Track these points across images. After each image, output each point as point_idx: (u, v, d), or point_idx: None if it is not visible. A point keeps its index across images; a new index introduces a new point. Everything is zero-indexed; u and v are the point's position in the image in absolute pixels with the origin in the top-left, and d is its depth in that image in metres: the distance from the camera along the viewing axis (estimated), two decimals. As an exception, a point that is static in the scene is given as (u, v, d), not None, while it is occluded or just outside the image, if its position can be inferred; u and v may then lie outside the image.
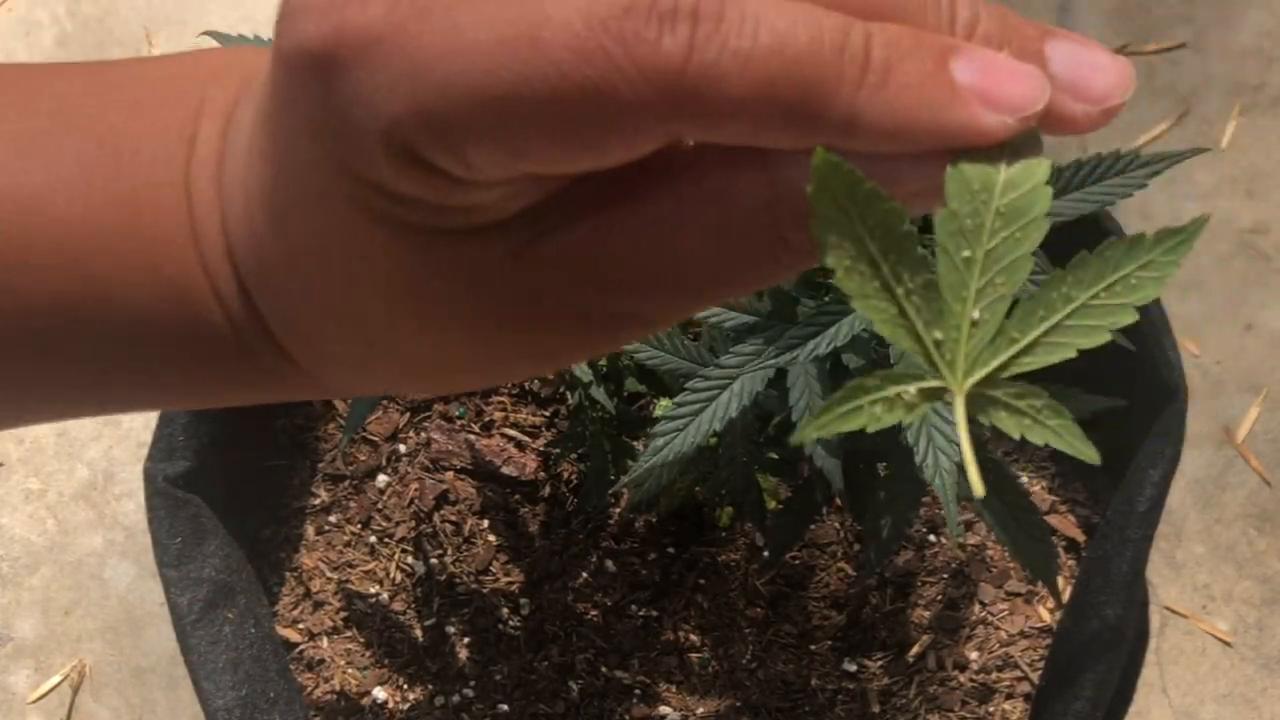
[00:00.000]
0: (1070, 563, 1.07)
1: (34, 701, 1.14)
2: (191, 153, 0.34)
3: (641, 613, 1.05)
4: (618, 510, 1.06)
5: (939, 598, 1.06)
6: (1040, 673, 1.03)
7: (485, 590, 1.06)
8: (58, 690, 1.15)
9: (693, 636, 1.05)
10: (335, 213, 0.31)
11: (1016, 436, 0.30)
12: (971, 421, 0.31)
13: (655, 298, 0.32)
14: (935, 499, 1.06)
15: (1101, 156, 0.83)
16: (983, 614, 1.06)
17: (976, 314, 0.30)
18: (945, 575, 1.07)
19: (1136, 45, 1.34)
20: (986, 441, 1.03)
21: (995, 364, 0.30)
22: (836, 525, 1.07)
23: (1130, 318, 0.30)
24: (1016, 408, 0.30)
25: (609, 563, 1.06)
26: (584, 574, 1.06)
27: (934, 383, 0.31)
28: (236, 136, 0.33)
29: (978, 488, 0.29)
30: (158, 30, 1.41)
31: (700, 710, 1.03)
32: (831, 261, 0.29)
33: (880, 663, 1.05)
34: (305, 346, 0.34)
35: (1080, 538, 1.08)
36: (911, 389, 0.30)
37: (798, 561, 1.06)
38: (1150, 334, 1.00)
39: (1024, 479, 1.10)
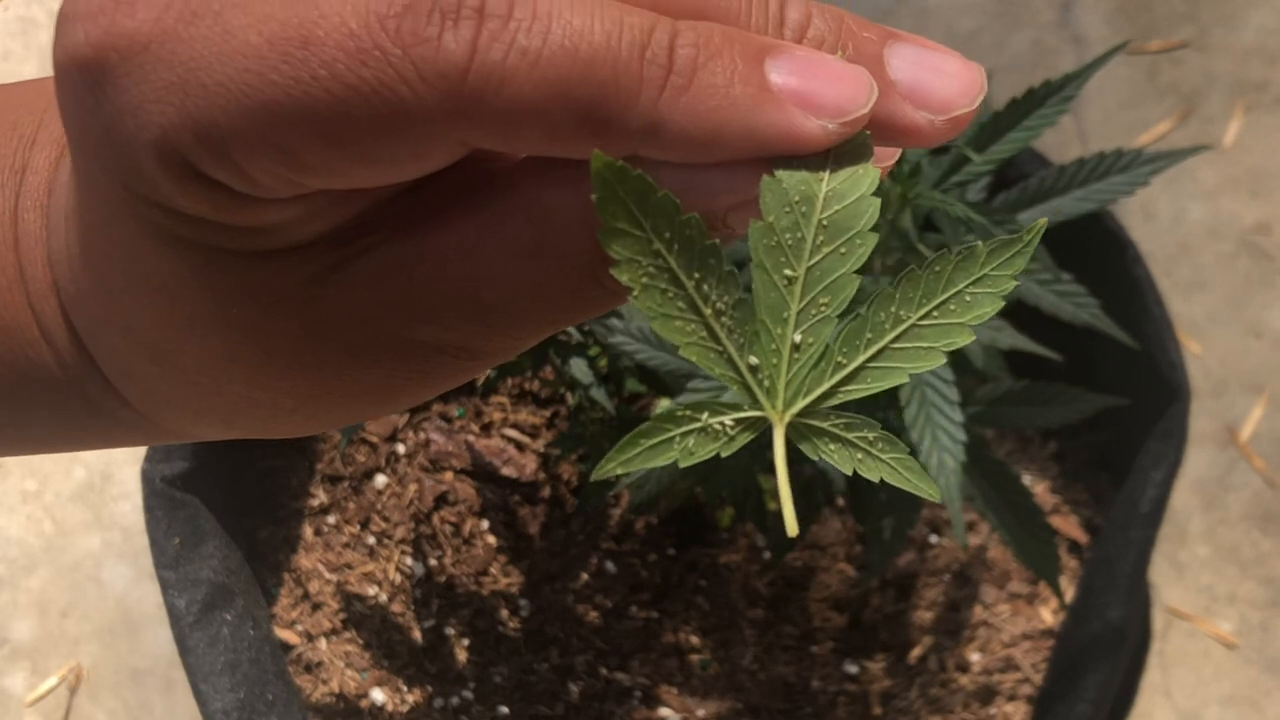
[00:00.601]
0: (1073, 564, 1.07)
1: (31, 704, 1.14)
2: (21, 184, 0.32)
3: (642, 614, 1.05)
4: (618, 511, 1.06)
5: (941, 599, 1.06)
6: (1042, 674, 1.03)
7: (485, 591, 1.05)
8: (55, 692, 1.14)
9: (693, 638, 1.04)
10: (126, 236, 0.28)
11: (849, 472, 0.28)
12: (795, 452, 0.28)
13: (469, 326, 0.29)
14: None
15: (1103, 154, 0.82)
16: (985, 615, 1.06)
17: (798, 337, 0.28)
18: (947, 576, 1.06)
19: (1139, 43, 1.34)
20: (989, 442, 1.03)
21: (819, 391, 0.28)
22: (838, 526, 1.07)
23: (966, 337, 0.28)
24: (847, 440, 0.28)
25: (609, 564, 1.05)
26: (584, 575, 1.06)
27: (752, 412, 0.28)
28: (66, 163, 0.31)
29: (791, 526, 0.27)
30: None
31: (701, 712, 1.02)
32: (625, 278, 0.27)
33: (882, 664, 1.05)
34: (133, 386, 0.32)
35: (1083, 539, 1.08)
36: (728, 419, 0.28)
37: (799, 563, 1.06)
38: (1153, 334, 1.00)
39: (1026, 480, 1.09)
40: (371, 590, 1.06)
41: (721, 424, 0.28)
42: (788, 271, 0.28)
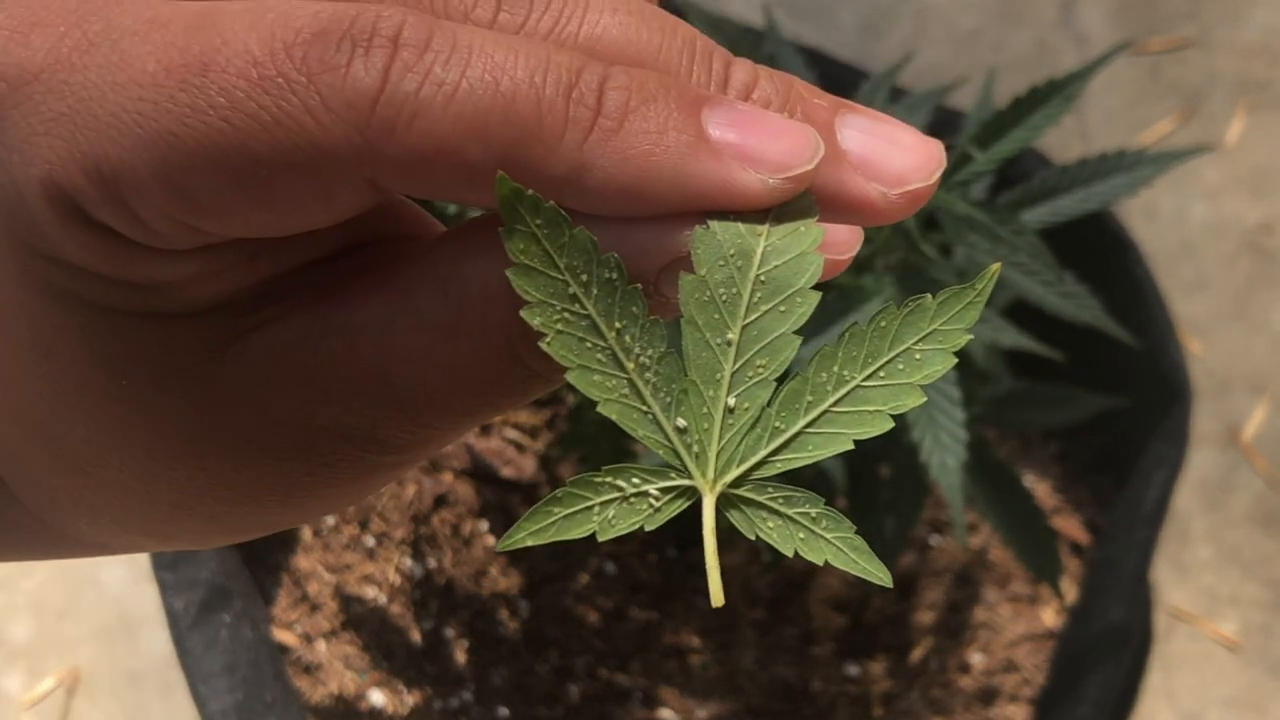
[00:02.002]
0: (1075, 565, 1.07)
1: (28, 705, 1.13)
2: None
3: (642, 615, 1.04)
4: (617, 512, 1.06)
5: (942, 600, 1.06)
6: (1044, 676, 1.03)
7: (484, 593, 1.05)
8: (52, 694, 1.14)
9: (693, 639, 1.04)
10: (13, 295, 0.26)
11: (789, 553, 0.26)
12: (721, 519, 0.26)
13: (377, 412, 0.26)
14: (937, 500, 1.05)
15: (1105, 154, 0.82)
16: (986, 616, 1.05)
17: (732, 400, 0.26)
18: (948, 577, 1.06)
19: (1142, 42, 1.34)
20: (991, 442, 1.03)
21: (755, 459, 0.26)
22: (838, 527, 1.06)
23: (916, 399, 0.26)
24: (786, 515, 0.26)
25: (609, 565, 1.05)
26: (584, 576, 1.05)
27: (679, 480, 0.26)
28: None
29: (717, 598, 0.25)
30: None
31: (701, 713, 1.02)
32: (538, 322, 0.25)
33: (883, 665, 1.04)
34: (22, 478, 0.29)
35: (1085, 540, 1.07)
36: (653, 488, 0.26)
37: (799, 564, 1.05)
38: (1156, 334, 0.99)
39: (1028, 480, 1.09)
40: (370, 591, 1.05)
41: (645, 493, 0.26)
42: (720, 329, 0.25)
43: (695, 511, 0.25)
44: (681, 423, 0.26)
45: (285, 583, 1.06)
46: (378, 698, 1.02)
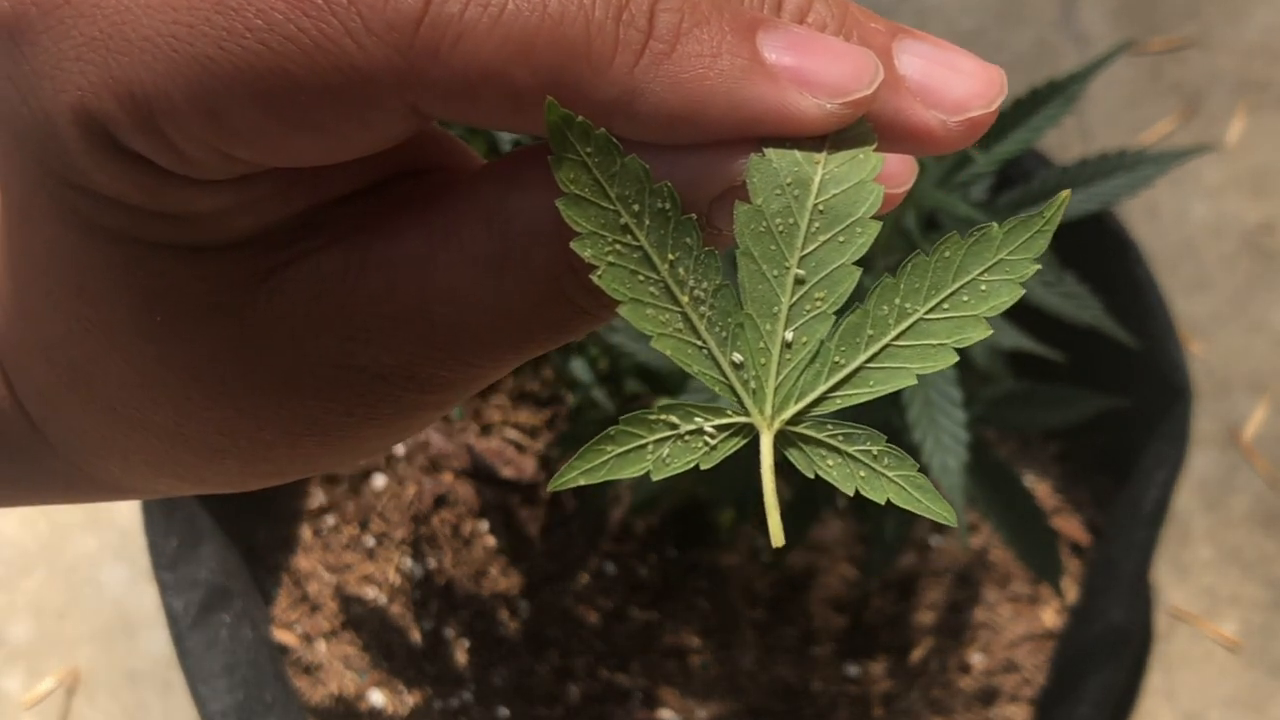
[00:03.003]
0: (1075, 565, 1.07)
1: (28, 706, 1.13)
2: None
3: (642, 615, 1.04)
4: (618, 512, 1.06)
5: (942, 600, 1.06)
6: (1044, 676, 1.03)
7: (484, 593, 1.05)
8: (52, 695, 1.14)
9: (694, 639, 1.04)
10: (46, 232, 0.26)
11: (849, 491, 0.25)
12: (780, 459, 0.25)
13: (417, 350, 0.26)
14: (939, 501, 1.05)
15: (1106, 154, 0.82)
16: (986, 617, 1.05)
17: (789, 334, 0.25)
18: (948, 578, 1.06)
19: (1142, 42, 1.33)
20: (991, 443, 1.02)
21: (814, 395, 0.25)
22: (839, 527, 1.06)
23: (981, 331, 0.25)
24: (846, 453, 0.25)
25: (609, 565, 1.05)
26: (584, 576, 1.05)
27: (736, 418, 0.25)
28: None
29: (777, 537, 0.24)
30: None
31: (701, 714, 1.02)
32: (589, 254, 0.24)
33: (883, 666, 1.04)
34: (57, 423, 0.29)
35: (1085, 540, 1.07)
36: (709, 425, 0.25)
37: (800, 564, 1.05)
38: (1156, 334, 0.99)
39: (1028, 480, 1.09)
40: (370, 591, 1.05)
41: (701, 430, 0.25)
42: (779, 262, 0.25)
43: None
44: (738, 358, 0.25)
45: (285, 583, 1.06)
46: (378, 698, 1.02)
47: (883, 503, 0.25)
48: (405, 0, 0.22)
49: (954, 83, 0.25)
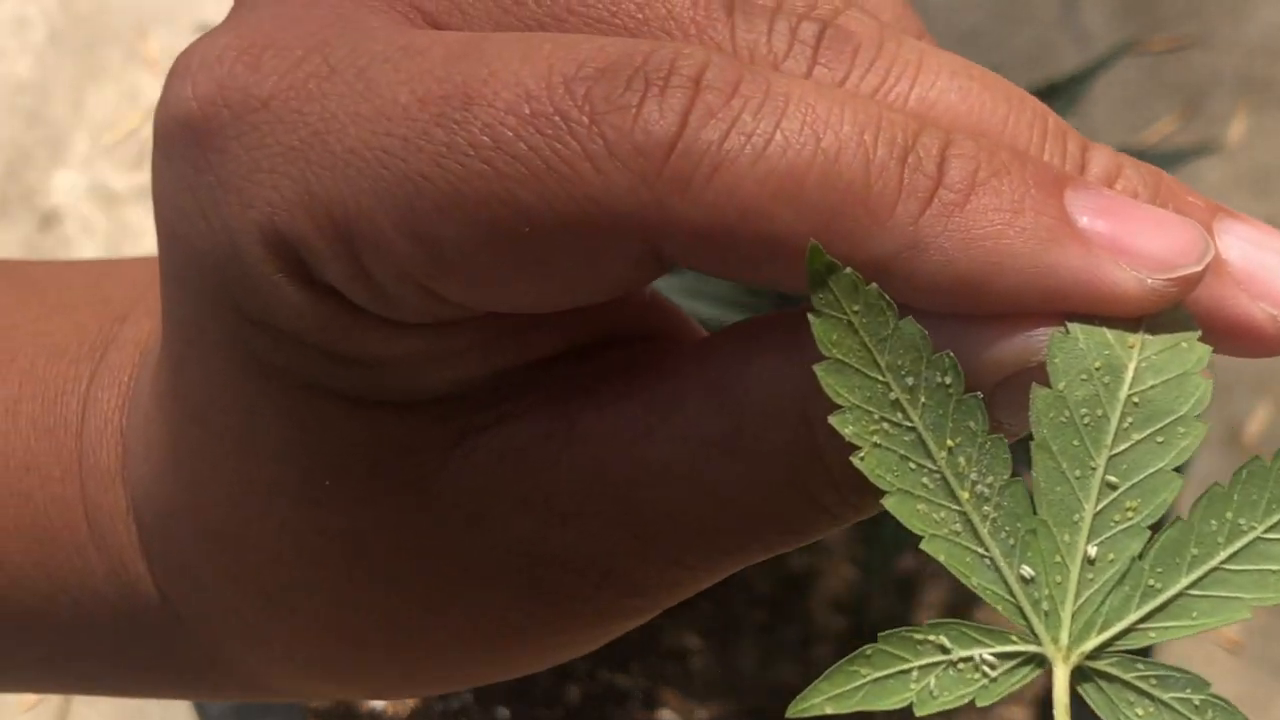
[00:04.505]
0: (1076, 566, 1.07)
1: (28, 709, 1.13)
2: (101, 361, 0.26)
3: (641, 616, 1.04)
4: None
5: (942, 600, 1.05)
6: (1046, 677, 1.03)
7: (483, 593, 1.05)
8: (51, 696, 1.14)
9: (693, 639, 1.04)
10: (207, 368, 0.22)
11: None
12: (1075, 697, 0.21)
13: (626, 543, 0.22)
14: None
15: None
16: (987, 617, 1.05)
17: (1093, 549, 0.21)
18: (948, 578, 1.06)
19: (1143, 40, 1.33)
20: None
21: (1122, 625, 0.21)
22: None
23: None
24: (1160, 700, 0.21)
25: (608, 566, 1.05)
26: (583, 577, 1.05)
27: (1022, 645, 0.21)
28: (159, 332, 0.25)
29: None
30: (150, 26, 1.39)
31: (701, 714, 1.02)
32: (850, 431, 0.20)
33: (883, 667, 1.04)
34: (192, 596, 0.25)
35: (1086, 540, 1.08)
36: (988, 653, 0.21)
37: (800, 564, 1.05)
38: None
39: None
40: (369, 592, 1.05)
41: (978, 659, 0.21)
42: (1084, 461, 0.21)
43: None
44: (1028, 571, 0.21)
45: (284, 583, 1.06)
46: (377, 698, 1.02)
47: None
48: (656, 124, 0.19)
49: None
